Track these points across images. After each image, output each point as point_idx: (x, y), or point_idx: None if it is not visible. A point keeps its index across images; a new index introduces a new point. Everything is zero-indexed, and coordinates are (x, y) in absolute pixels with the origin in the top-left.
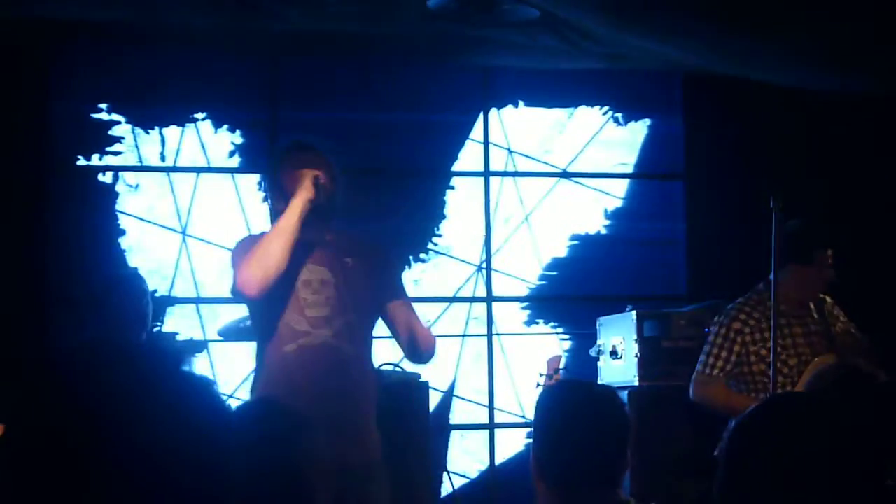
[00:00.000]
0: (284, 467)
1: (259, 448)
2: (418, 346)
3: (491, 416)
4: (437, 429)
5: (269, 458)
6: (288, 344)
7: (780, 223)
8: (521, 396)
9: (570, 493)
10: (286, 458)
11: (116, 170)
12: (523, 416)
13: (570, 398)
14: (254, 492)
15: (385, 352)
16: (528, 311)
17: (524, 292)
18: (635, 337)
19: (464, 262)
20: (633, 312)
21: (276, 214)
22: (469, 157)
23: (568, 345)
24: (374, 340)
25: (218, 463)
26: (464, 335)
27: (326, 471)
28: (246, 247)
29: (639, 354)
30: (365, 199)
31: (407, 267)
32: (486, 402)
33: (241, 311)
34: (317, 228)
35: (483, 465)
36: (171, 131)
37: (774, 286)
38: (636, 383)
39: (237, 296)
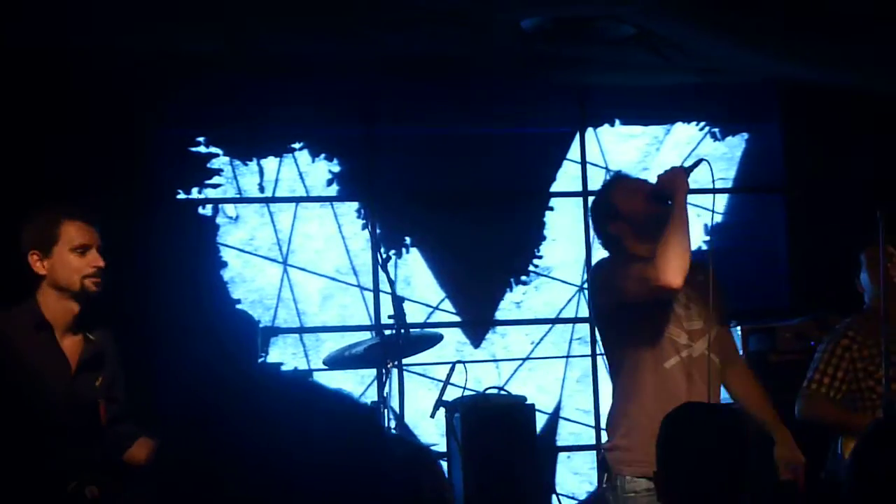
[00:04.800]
0: None
1: None
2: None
3: (598, 437)
4: (544, 450)
5: None
6: (671, 357)
7: (887, 234)
8: None
9: None
10: None
11: (216, 202)
12: None
13: (690, 416)
14: None
15: (489, 376)
16: None
17: None
18: (741, 352)
19: (565, 282)
20: (739, 327)
21: (609, 237)
22: (567, 176)
23: None
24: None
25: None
26: (567, 356)
27: None
28: (611, 268)
29: None
30: (464, 221)
31: (509, 289)
32: (593, 423)
33: (344, 340)
34: None
35: (591, 485)
36: (269, 162)
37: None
38: None
39: (655, 291)
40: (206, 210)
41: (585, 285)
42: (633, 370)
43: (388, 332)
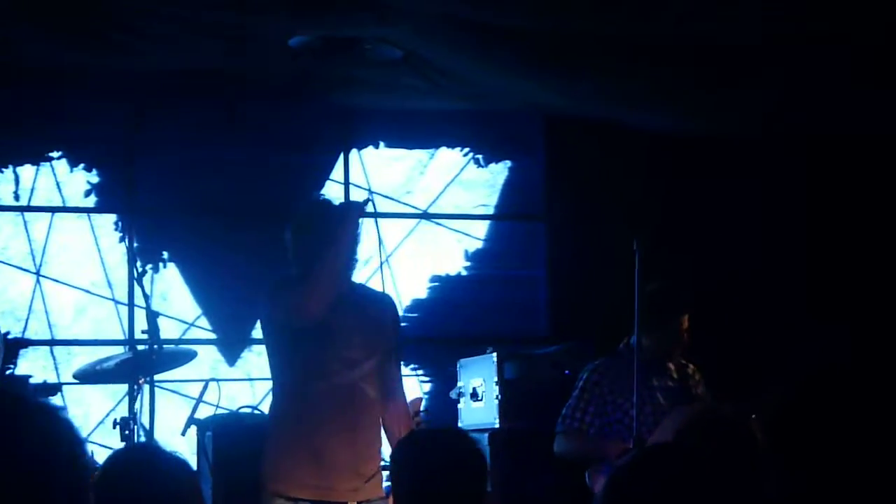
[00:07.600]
0: None
1: None
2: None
3: None
4: None
5: None
6: (317, 382)
7: (643, 264)
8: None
9: None
10: None
11: None
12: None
13: (426, 448)
14: None
15: (244, 394)
16: None
17: None
18: (496, 379)
19: None
20: (494, 354)
21: None
22: (329, 197)
23: (428, 387)
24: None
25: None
26: None
27: None
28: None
29: (499, 396)
30: (223, 238)
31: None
32: None
33: (97, 354)
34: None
35: None
36: (26, 170)
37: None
38: (496, 425)
39: (295, 318)
40: None
41: None
42: (280, 391)
43: (141, 347)
